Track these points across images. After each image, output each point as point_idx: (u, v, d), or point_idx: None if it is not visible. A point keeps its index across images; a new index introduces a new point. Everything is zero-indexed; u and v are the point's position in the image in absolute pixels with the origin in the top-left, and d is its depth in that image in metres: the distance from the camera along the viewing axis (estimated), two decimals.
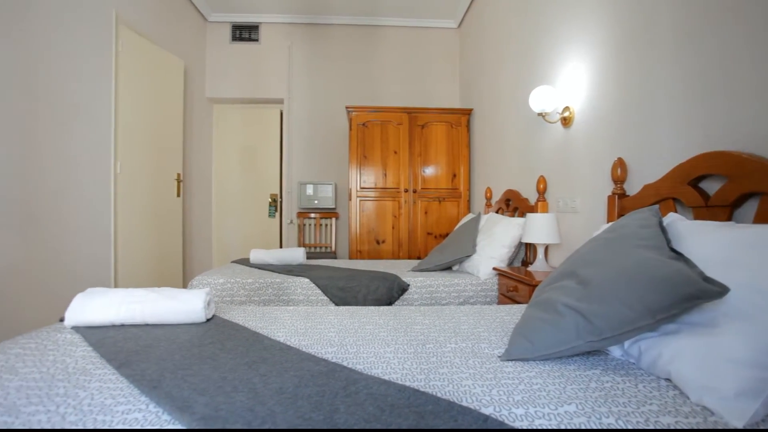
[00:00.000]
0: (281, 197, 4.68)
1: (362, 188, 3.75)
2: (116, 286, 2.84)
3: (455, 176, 3.80)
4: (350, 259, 3.65)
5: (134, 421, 0.69)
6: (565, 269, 1.14)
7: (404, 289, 2.22)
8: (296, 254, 2.82)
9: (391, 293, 2.18)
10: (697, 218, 1.26)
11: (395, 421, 0.67)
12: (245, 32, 4.49)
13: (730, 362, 0.72)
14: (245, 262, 2.83)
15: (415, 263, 2.92)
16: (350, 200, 3.74)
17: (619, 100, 1.73)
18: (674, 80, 1.42)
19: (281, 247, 4.68)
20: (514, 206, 2.79)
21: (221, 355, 0.99)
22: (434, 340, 1.15)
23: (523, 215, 2.59)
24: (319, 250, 4.34)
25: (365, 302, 2.12)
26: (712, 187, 1.26)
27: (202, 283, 2.18)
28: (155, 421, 0.69)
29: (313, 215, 4.34)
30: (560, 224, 2.10)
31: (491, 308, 1.53)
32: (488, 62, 3.52)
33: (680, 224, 1.09)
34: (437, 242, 3.71)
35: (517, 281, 1.99)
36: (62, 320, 1.26)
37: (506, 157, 3.05)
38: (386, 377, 0.88)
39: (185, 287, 2.99)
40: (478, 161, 3.73)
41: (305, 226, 4.38)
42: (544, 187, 2.32)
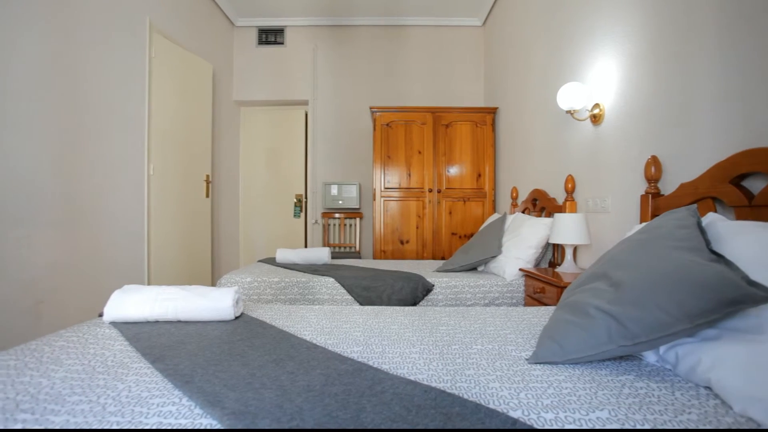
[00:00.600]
0: (306, 197, 4.75)
1: (386, 188, 3.75)
2: (149, 283, 2.96)
3: (480, 176, 3.75)
4: (374, 259, 3.66)
5: (168, 413, 0.71)
6: (595, 271, 1.11)
7: (429, 289, 2.21)
8: (321, 254, 2.86)
9: (415, 293, 2.17)
10: (739, 218, 1.19)
11: (422, 421, 0.67)
12: (271, 36, 4.58)
13: None
14: (271, 261, 2.89)
15: (439, 264, 2.90)
16: (374, 200, 3.75)
17: (652, 95, 1.67)
18: (713, 74, 1.36)
19: (306, 246, 4.75)
20: (540, 206, 2.73)
21: (250, 352, 1.02)
22: (460, 341, 1.13)
23: (550, 215, 2.54)
24: (343, 249, 4.38)
25: (390, 302, 2.12)
26: (755, 185, 1.19)
27: (230, 281, 2.23)
28: (188, 414, 0.71)
29: (337, 215, 4.38)
30: (590, 225, 2.04)
31: (518, 310, 1.50)
32: (514, 59, 3.45)
33: (720, 225, 1.03)
34: (462, 243, 3.68)
35: (544, 283, 1.95)
36: (101, 315, 1.32)
37: (533, 156, 2.99)
38: (412, 378, 0.88)
39: (214, 285, 3.07)
40: (503, 160, 3.67)
41: (330, 226, 4.42)
42: (572, 186, 2.26)
